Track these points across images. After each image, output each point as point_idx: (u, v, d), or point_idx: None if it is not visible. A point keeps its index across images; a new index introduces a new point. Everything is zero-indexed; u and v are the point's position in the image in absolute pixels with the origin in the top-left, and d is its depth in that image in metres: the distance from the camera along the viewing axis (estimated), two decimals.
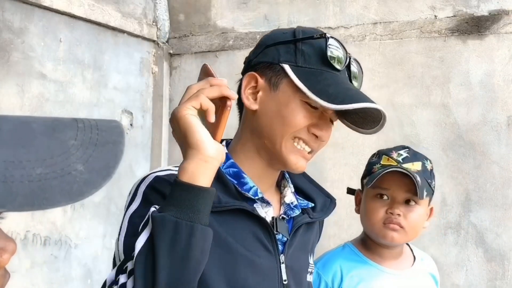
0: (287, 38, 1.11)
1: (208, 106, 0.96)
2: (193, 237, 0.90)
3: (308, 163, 1.23)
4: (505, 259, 3.01)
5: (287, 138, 1.08)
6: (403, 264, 1.60)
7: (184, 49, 3.80)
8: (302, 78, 1.06)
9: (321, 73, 1.06)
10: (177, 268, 0.89)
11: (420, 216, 1.54)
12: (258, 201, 1.11)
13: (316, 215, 1.21)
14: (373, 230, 1.54)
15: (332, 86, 1.04)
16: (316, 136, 1.09)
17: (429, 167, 1.56)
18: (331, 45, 1.08)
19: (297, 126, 1.07)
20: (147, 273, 0.88)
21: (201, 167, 0.93)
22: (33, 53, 2.87)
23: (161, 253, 0.88)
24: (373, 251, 1.58)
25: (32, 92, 2.85)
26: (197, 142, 0.94)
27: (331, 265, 1.53)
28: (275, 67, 1.09)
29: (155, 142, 3.70)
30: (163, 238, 0.89)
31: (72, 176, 0.54)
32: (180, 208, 0.90)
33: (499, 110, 3.07)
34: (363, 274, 1.54)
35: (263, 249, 1.09)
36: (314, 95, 1.04)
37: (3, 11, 2.72)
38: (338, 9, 3.43)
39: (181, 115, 0.95)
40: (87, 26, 3.20)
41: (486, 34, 3.12)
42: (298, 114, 1.07)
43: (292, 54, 1.09)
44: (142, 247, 0.90)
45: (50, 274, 2.92)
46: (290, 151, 1.08)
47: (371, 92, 3.88)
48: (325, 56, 1.06)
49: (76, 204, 3.07)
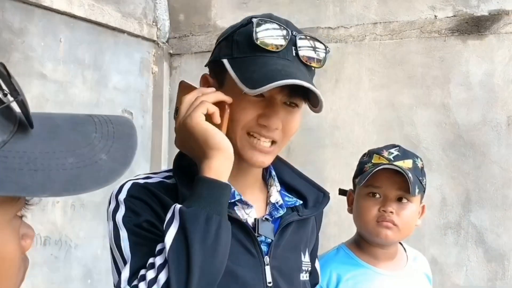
0: (228, 32, 1.11)
1: (213, 110, 1.02)
2: (221, 230, 0.95)
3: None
4: (505, 259, 3.01)
5: (241, 134, 1.06)
6: (398, 265, 1.60)
7: (184, 49, 3.80)
8: (236, 68, 1.04)
9: (253, 60, 1.04)
10: (208, 259, 0.93)
11: (413, 213, 1.54)
12: (238, 203, 1.10)
13: (307, 211, 1.19)
14: (367, 228, 1.54)
15: (258, 70, 1.01)
16: (266, 126, 1.05)
17: (420, 165, 1.56)
18: (259, 27, 1.04)
19: (244, 120, 1.05)
20: (180, 265, 0.91)
21: (224, 164, 1.00)
22: (33, 53, 2.87)
23: (195, 245, 0.92)
24: (367, 253, 1.57)
25: (32, 92, 2.85)
26: (219, 143, 0.99)
27: (325, 270, 1.52)
28: (218, 64, 1.09)
29: (155, 142, 3.70)
30: (196, 230, 0.92)
31: (98, 165, 0.60)
32: (209, 202, 0.95)
33: (499, 110, 3.07)
34: (358, 277, 1.53)
35: (245, 252, 1.08)
36: (241, 82, 1.02)
37: (3, 11, 2.72)
38: (338, 9, 3.43)
39: (196, 122, 1.00)
40: (87, 26, 3.20)
41: (486, 34, 3.12)
42: (241, 106, 1.05)
43: (229, 47, 1.08)
44: (173, 241, 0.93)
45: (50, 274, 2.92)
46: (245, 146, 1.06)
47: (371, 92, 3.87)
48: (253, 41, 1.03)
49: (76, 204, 3.08)
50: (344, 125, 3.36)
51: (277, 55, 1.04)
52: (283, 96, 1.06)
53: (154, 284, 0.92)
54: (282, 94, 1.05)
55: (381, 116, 3.29)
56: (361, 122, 3.33)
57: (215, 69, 1.11)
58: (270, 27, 1.05)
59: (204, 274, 0.92)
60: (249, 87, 1.00)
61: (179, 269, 0.91)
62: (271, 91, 1.03)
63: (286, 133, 1.08)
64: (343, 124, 3.36)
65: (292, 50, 1.05)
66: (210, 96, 1.04)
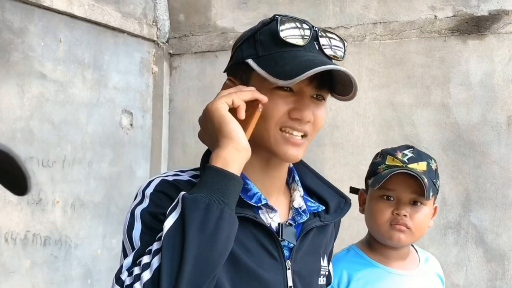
0: (248, 34, 1.12)
1: (239, 104, 1.02)
2: (222, 220, 0.92)
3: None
4: (505, 259, 3.01)
5: (274, 130, 1.07)
6: (410, 265, 1.59)
7: (184, 49, 3.80)
8: (264, 66, 1.05)
9: (280, 55, 1.05)
10: (204, 249, 0.91)
11: (426, 216, 1.53)
12: (263, 207, 1.10)
13: (328, 217, 1.19)
14: (380, 231, 1.53)
15: (289, 63, 1.03)
16: (299, 119, 1.06)
17: (434, 167, 1.55)
18: (284, 24, 1.07)
19: (277, 115, 1.06)
20: (175, 252, 0.90)
21: (234, 155, 0.98)
22: (33, 53, 2.87)
23: (191, 233, 0.90)
24: (379, 253, 1.56)
25: (32, 92, 2.85)
26: (231, 132, 0.99)
27: (336, 269, 1.51)
28: (242, 66, 1.10)
29: (155, 142, 3.69)
30: (194, 217, 0.91)
31: None
32: (211, 191, 0.94)
33: (499, 110, 3.07)
34: (369, 276, 1.52)
35: (268, 256, 1.08)
36: (272, 76, 1.03)
37: (3, 11, 2.72)
38: (338, 9, 3.43)
39: (215, 108, 1.01)
40: (87, 26, 3.20)
41: (486, 34, 3.12)
42: (273, 103, 1.05)
43: (253, 48, 1.09)
44: (171, 226, 0.92)
45: (50, 274, 2.92)
46: (279, 142, 1.07)
47: (371, 92, 3.88)
48: (279, 37, 1.05)
49: (76, 204, 3.08)
50: (343, 124, 3.36)
51: (303, 49, 1.06)
52: (312, 89, 1.07)
53: (147, 269, 0.91)
54: (310, 87, 1.07)
55: (381, 116, 3.29)
56: (360, 122, 3.33)
57: (238, 72, 1.11)
58: (293, 23, 1.08)
59: (198, 264, 0.90)
60: (283, 79, 1.02)
61: (172, 256, 0.90)
62: (301, 85, 1.05)
63: (316, 125, 1.10)
64: (342, 123, 3.36)
65: (315, 44, 1.08)
66: (244, 93, 1.04)
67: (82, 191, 3.13)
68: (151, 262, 0.91)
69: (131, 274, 0.93)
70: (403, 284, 1.54)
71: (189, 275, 0.89)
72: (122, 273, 0.94)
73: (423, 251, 1.67)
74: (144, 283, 0.89)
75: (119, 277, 0.94)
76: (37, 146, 2.87)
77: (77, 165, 3.11)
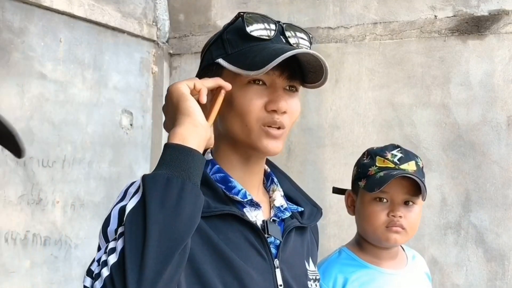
0: (215, 37, 1.14)
1: (201, 87, 1.04)
2: (184, 192, 0.91)
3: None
4: (505, 259, 3.01)
5: (256, 126, 1.08)
6: (399, 264, 1.60)
7: (184, 49, 3.80)
8: (234, 62, 1.08)
9: (249, 49, 1.08)
10: (168, 223, 0.89)
11: (418, 215, 1.55)
12: (247, 204, 1.11)
13: (305, 221, 1.21)
14: (376, 233, 1.53)
15: (258, 54, 1.05)
16: (275, 111, 1.08)
17: (421, 165, 1.57)
18: (249, 20, 1.09)
19: (254, 110, 1.07)
20: (138, 230, 0.88)
21: (191, 131, 0.98)
22: (33, 53, 2.87)
23: (152, 208, 0.88)
24: (370, 253, 1.57)
25: (32, 92, 2.85)
26: (188, 108, 1.00)
27: (330, 273, 1.52)
28: (212, 67, 1.12)
29: (155, 142, 3.70)
30: (154, 194, 0.90)
31: None
32: (171, 167, 0.94)
33: (499, 110, 3.07)
34: (363, 278, 1.53)
35: (256, 254, 1.08)
36: (244, 69, 1.05)
37: (3, 11, 2.72)
38: (338, 9, 3.43)
39: (176, 87, 1.03)
40: (87, 26, 3.20)
41: (486, 34, 3.12)
42: (247, 98, 1.07)
43: (221, 48, 1.11)
44: (132, 207, 0.91)
45: (50, 274, 2.92)
46: (260, 136, 1.08)
47: (371, 92, 3.88)
48: (246, 32, 1.08)
49: (76, 204, 3.08)
50: (344, 125, 3.36)
51: (270, 41, 1.09)
52: (283, 80, 1.09)
53: (113, 253, 0.89)
54: (282, 78, 1.09)
55: (381, 116, 3.29)
56: (361, 122, 3.33)
57: (209, 74, 1.12)
58: (258, 18, 1.11)
59: (164, 239, 0.87)
60: (255, 70, 1.03)
61: (136, 234, 0.87)
62: (272, 77, 1.07)
63: (291, 117, 1.11)
64: (343, 124, 3.36)
65: (281, 38, 1.11)
66: (207, 80, 1.07)
67: (82, 191, 3.13)
68: (116, 246, 0.90)
69: (99, 262, 0.92)
70: (395, 283, 1.55)
71: (155, 249, 0.86)
72: (92, 265, 0.93)
73: (408, 249, 1.69)
74: (111, 266, 0.88)
75: (89, 269, 0.93)
76: (37, 146, 2.87)
77: (77, 165, 3.11)
